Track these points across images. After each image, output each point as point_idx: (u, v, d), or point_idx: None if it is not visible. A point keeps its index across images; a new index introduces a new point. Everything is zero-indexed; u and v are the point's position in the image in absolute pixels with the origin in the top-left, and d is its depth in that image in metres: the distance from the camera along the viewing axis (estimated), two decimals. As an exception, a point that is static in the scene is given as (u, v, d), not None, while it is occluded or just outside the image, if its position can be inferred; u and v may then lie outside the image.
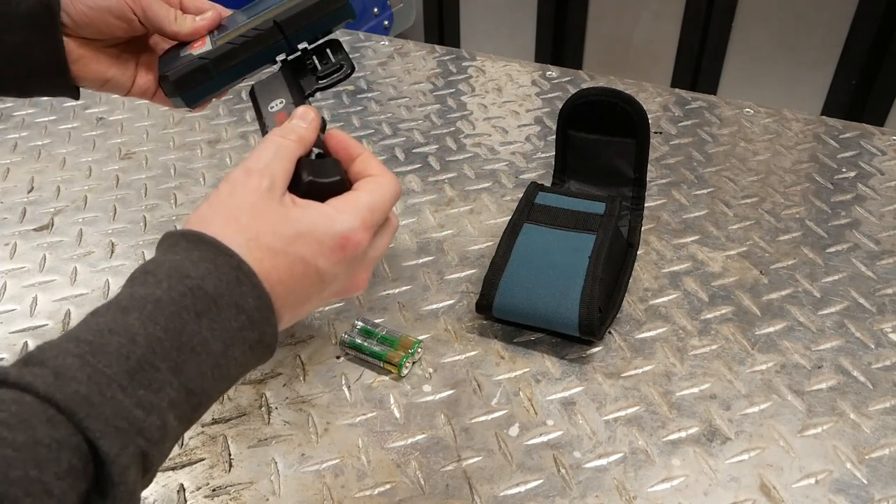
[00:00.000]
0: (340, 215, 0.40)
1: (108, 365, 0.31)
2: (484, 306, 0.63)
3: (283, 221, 0.39)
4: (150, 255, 0.74)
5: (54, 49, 0.54)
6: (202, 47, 0.55)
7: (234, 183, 0.40)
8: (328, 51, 0.54)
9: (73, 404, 0.29)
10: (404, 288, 0.70)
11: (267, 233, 0.38)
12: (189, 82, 0.55)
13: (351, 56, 1.10)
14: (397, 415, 0.58)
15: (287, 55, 0.54)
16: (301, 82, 0.53)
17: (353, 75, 1.07)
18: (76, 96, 0.58)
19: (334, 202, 0.41)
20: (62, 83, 0.56)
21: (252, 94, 0.53)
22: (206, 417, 0.57)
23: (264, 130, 0.49)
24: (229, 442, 0.56)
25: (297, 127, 0.44)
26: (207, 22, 0.56)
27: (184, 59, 0.55)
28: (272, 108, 0.50)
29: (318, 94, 0.55)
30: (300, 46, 0.53)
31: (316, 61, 0.54)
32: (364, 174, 0.44)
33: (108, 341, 0.32)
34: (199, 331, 0.34)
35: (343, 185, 0.43)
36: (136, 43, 0.59)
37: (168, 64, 0.56)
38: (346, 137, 0.46)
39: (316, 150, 0.44)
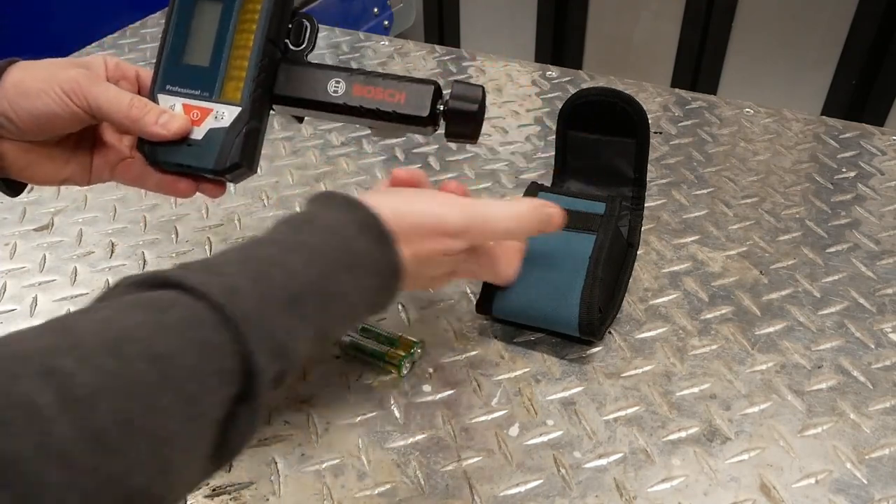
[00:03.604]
0: (452, 210, 0.49)
1: (272, 292, 0.37)
2: (484, 306, 0.63)
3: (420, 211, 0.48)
4: (150, 255, 0.74)
5: None
6: (215, 113, 0.49)
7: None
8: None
9: (241, 319, 0.35)
10: (404, 288, 0.70)
11: (408, 214, 0.46)
12: (249, 154, 0.50)
13: (351, 56, 1.11)
14: (397, 415, 0.58)
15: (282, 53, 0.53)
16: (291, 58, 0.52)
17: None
18: (15, 195, 0.54)
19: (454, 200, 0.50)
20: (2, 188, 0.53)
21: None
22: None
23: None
24: (229, 442, 0.56)
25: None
26: (185, 121, 0.50)
27: (212, 136, 0.49)
28: (334, 91, 0.51)
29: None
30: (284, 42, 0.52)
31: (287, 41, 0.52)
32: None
33: (273, 273, 0.38)
34: (344, 283, 0.41)
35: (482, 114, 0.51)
36: (87, 130, 0.54)
37: (190, 155, 0.49)
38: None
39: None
